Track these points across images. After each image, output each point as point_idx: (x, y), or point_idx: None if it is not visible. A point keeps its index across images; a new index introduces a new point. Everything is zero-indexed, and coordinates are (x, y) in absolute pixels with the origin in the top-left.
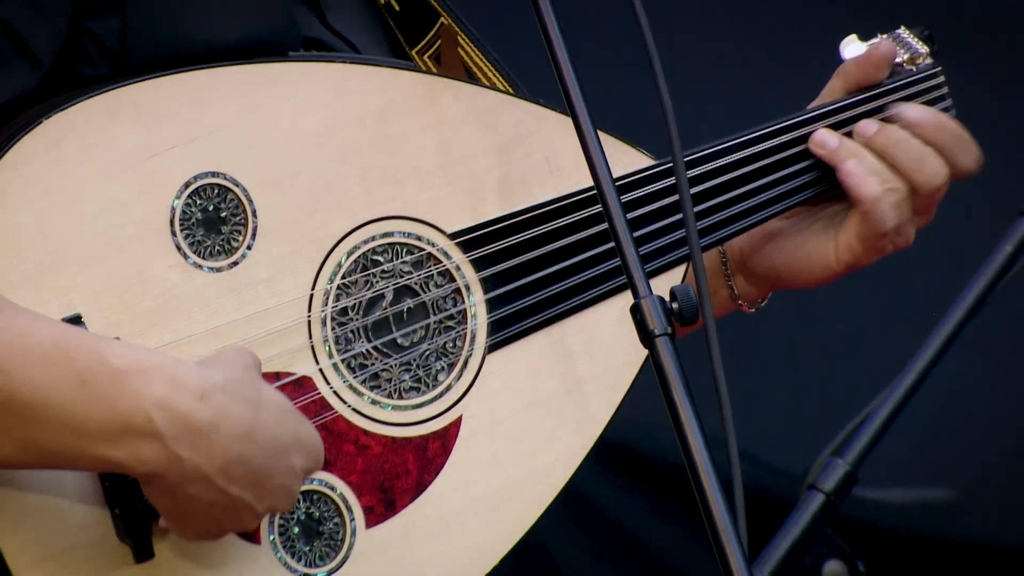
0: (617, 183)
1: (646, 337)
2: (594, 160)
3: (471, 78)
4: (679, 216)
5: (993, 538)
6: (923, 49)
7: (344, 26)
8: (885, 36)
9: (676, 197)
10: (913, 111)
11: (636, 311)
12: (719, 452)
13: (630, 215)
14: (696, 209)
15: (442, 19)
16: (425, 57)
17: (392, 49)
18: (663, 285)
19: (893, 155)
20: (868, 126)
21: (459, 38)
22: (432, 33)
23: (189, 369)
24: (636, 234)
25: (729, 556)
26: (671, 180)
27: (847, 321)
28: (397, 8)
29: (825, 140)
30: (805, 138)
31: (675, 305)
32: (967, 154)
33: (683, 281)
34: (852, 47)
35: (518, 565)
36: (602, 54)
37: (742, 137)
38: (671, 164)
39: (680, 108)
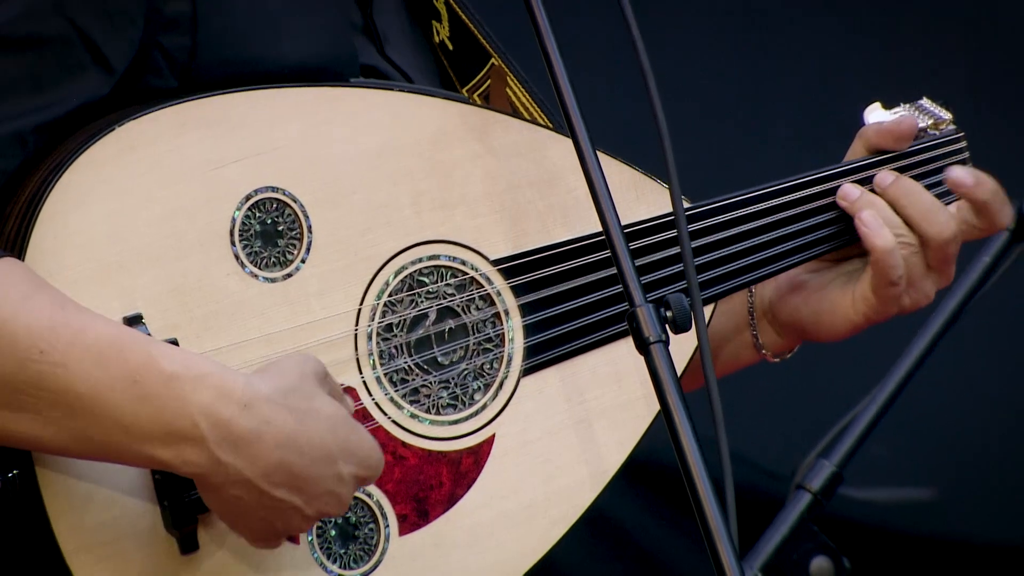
0: (632, 228)
1: (641, 344)
2: (591, 174)
3: (517, 116)
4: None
5: (971, 535)
6: (946, 116)
7: (399, 58)
8: (908, 106)
9: (691, 244)
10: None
11: (632, 319)
12: (711, 453)
13: (640, 261)
14: (716, 255)
15: (493, 60)
16: (475, 95)
17: (444, 85)
18: None
19: (903, 205)
20: (885, 176)
21: (508, 78)
22: (483, 73)
23: (237, 378)
24: (645, 279)
25: (721, 552)
26: (691, 226)
27: None
28: (451, 48)
29: (848, 192)
30: (829, 192)
31: (669, 313)
32: (998, 210)
33: (708, 324)
34: (875, 114)
35: None
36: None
37: (768, 188)
38: (688, 210)
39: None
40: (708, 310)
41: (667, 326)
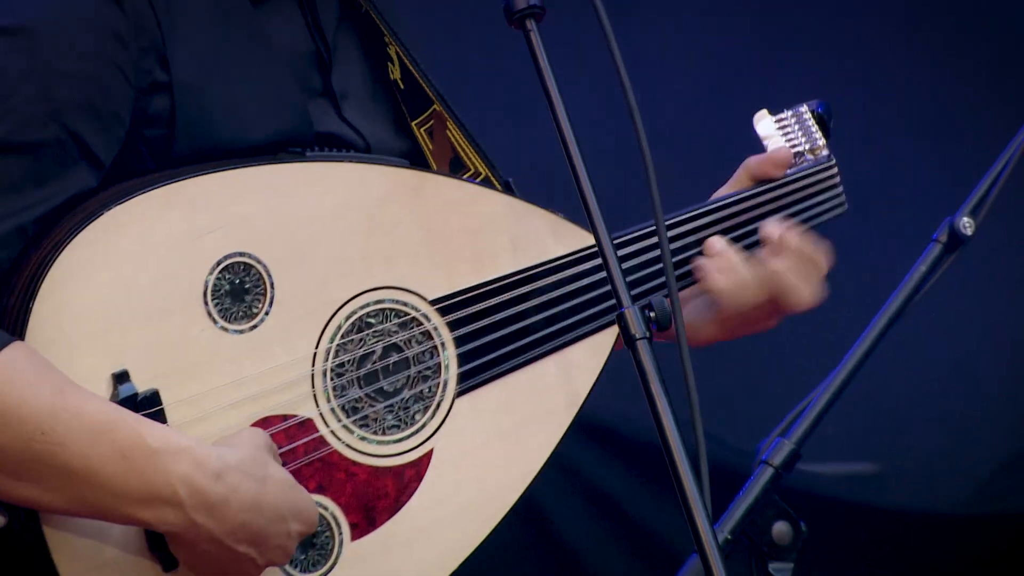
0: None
1: (629, 340)
2: (583, 188)
3: (456, 156)
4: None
5: (912, 504)
6: (821, 141)
7: (357, 114)
8: (791, 113)
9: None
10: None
11: (621, 319)
12: (688, 434)
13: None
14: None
15: (434, 106)
16: (422, 130)
17: (396, 119)
18: None
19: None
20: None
21: (447, 123)
22: (427, 113)
23: (210, 452)
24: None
25: (696, 518)
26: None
27: (790, 330)
28: (402, 87)
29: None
30: (718, 222)
31: (652, 314)
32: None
33: None
34: (763, 123)
35: (525, 527)
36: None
37: (671, 218)
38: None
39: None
40: None
41: (650, 325)
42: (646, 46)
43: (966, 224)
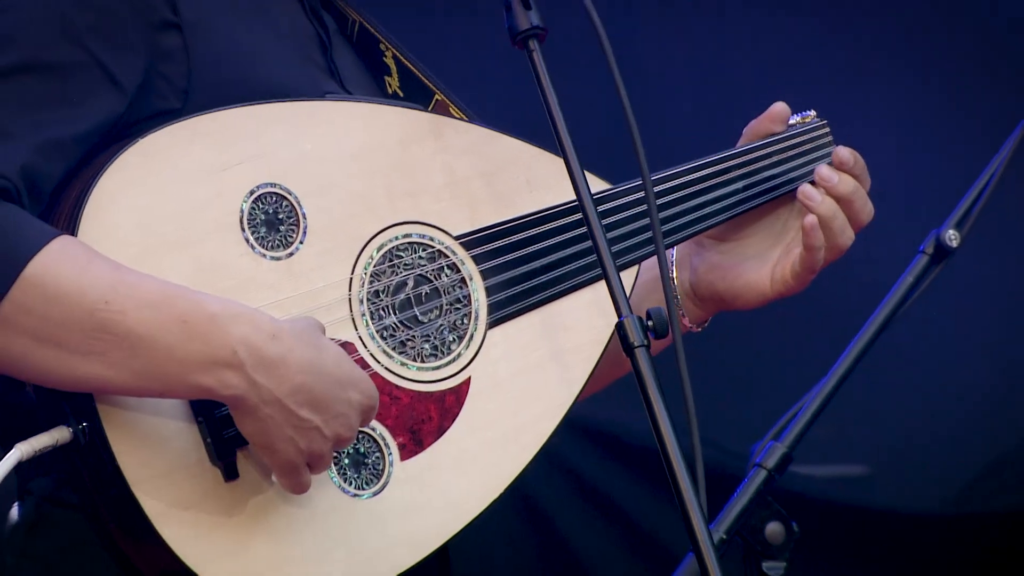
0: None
1: (628, 348)
2: (590, 219)
3: None
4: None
5: (900, 504)
6: (812, 112)
7: (359, 93)
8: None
9: (621, 215)
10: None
11: (620, 328)
12: (684, 438)
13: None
14: (638, 224)
15: (437, 96)
16: None
17: None
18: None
19: (850, 201)
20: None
21: (450, 108)
22: (430, 108)
23: (265, 316)
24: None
25: (693, 519)
26: (621, 201)
27: (782, 337)
28: (402, 95)
29: (812, 195)
30: (734, 168)
31: (650, 323)
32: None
33: (630, 295)
34: None
35: (527, 527)
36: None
37: (675, 170)
38: (629, 185)
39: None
40: (631, 274)
41: (648, 333)
42: (643, 54)
43: (951, 236)
